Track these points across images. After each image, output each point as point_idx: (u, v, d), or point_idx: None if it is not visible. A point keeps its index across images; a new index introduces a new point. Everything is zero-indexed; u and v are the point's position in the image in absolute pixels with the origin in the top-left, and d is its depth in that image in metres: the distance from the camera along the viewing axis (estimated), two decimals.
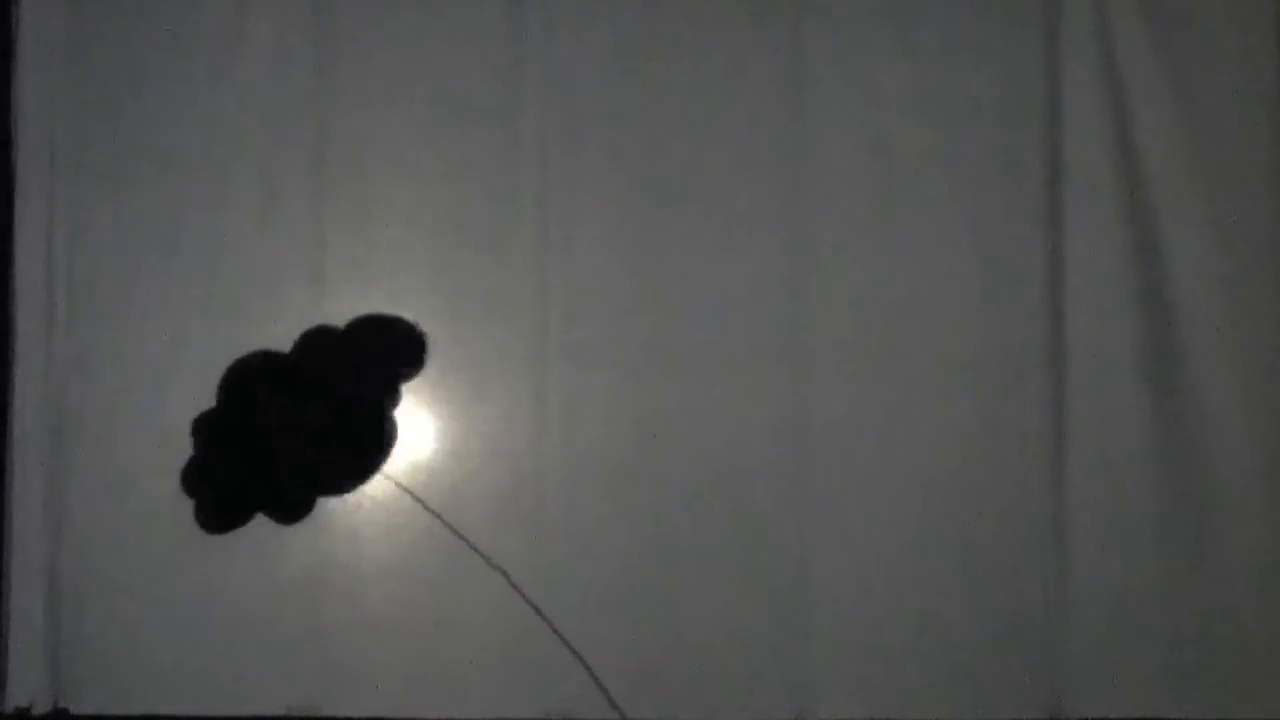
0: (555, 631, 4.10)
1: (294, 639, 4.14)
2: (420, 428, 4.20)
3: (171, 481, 4.13)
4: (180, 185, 4.21)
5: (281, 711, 4.13)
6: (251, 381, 4.10)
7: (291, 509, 4.11)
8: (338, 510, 4.17)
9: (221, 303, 4.19)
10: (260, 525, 4.11)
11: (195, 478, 4.09)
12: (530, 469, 4.18)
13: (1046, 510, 4.20)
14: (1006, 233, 4.25)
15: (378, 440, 4.12)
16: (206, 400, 4.14)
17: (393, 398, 4.14)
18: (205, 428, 4.09)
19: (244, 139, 4.21)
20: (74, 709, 4.15)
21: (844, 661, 4.17)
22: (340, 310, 4.18)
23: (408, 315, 4.18)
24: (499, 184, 4.21)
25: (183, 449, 4.12)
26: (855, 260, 4.22)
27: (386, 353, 4.17)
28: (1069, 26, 4.26)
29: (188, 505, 4.11)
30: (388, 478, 4.11)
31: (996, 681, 4.17)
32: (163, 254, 4.20)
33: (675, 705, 4.15)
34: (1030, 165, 4.26)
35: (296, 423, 4.06)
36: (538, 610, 4.10)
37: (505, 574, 4.09)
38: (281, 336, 4.16)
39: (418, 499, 4.05)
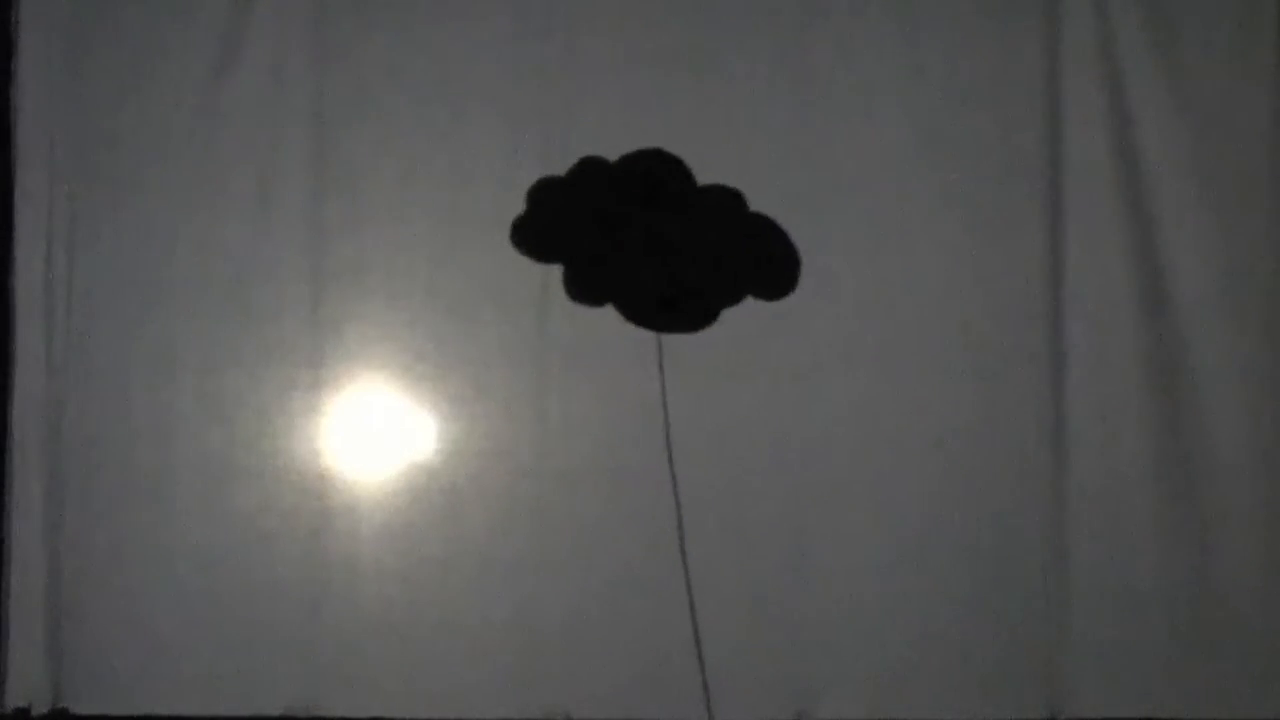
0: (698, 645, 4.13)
1: (294, 639, 4.14)
2: (421, 427, 4.20)
3: (171, 481, 4.14)
4: (180, 185, 4.21)
5: (281, 711, 4.13)
6: (653, 176, 4.14)
7: (584, 289, 4.13)
8: (338, 510, 4.17)
9: (221, 303, 4.19)
10: (261, 522, 4.14)
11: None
12: (530, 469, 4.18)
13: (1046, 510, 4.20)
14: (1006, 233, 4.25)
15: (691, 315, 4.13)
16: (206, 401, 4.15)
17: (731, 297, 4.13)
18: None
19: (243, 139, 4.21)
20: (74, 709, 4.15)
21: (844, 661, 4.17)
22: (339, 310, 4.19)
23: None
24: (499, 183, 4.21)
25: (181, 449, 4.13)
26: (855, 260, 4.22)
27: (759, 259, 4.17)
28: (1069, 27, 4.26)
29: (187, 504, 4.13)
30: (658, 342, 4.09)
31: (996, 681, 4.17)
32: (162, 254, 4.20)
33: (675, 705, 4.15)
34: (1030, 165, 4.26)
35: (660, 236, 4.10)
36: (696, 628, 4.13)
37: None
38: (281, 336, 4.17)
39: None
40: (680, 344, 4.18)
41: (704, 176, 4.22)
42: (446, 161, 4.23)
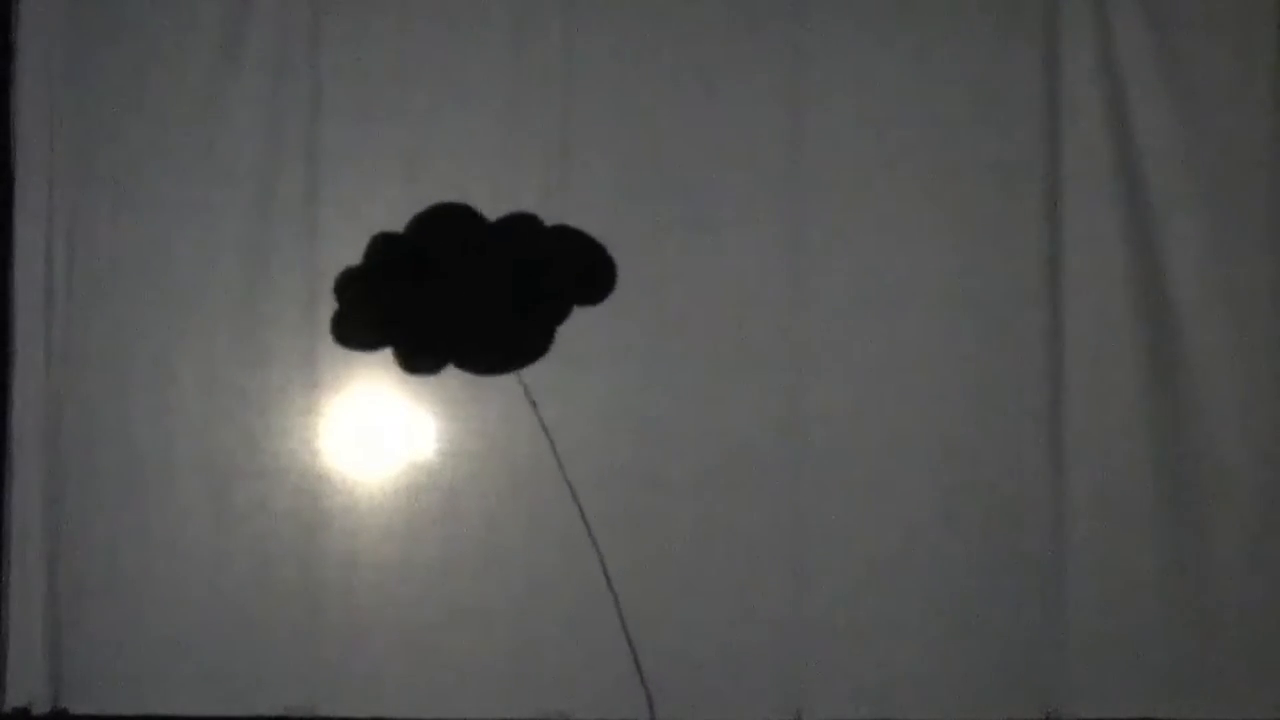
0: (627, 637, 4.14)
1: (294, 639, 4.14)
2: (420, 428, 4.20)
3: (171, 481, 4.14)
4: (180, 185, 4.21)
5: (280, 712, 4.13)
6: (446, 231, 4.14)
7: (420, 362, 4.14)
8: (337, 510, 4.17)
9: (220, 303, 4.19)
10: (260, 521, 4.15)
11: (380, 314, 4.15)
12: (528, 469, 4.18)
13: (1046, 510, 4.19)
14: (1007, 233, 4.25)
15: (529, 346, 4.13)
16: (205, 401, 4.16)
17: (558, 314, 4.14)
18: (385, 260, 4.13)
19: (243, 138, 4.22)
20: (74, 709, 4.15)
21: (844, 661, 4.17)
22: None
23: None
24: (498, 183, 4.21)
25: (180, 449, 4.14)
26: (854, 261, 4.22)
27: (576, 270, 4.17)
28: (1069, 27, 4.26)
29: (187, 504, 4.13)
30: (520, 383, 4.10)
31: (996, 681, 4.17)
32: (162, 254, 4.20)
33: (675, 705, 4.14)
34: (1030, 165, 4.26)
35: (472, 285, 4.11)
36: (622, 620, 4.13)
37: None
38: (280, 336, 4.18)
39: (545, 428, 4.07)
40: (677, 345, 4.18)
41: (702, 175, 4.22)
42: (446, 161, 4.23)
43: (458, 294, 4.15)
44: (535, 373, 4.18)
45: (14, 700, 4.15)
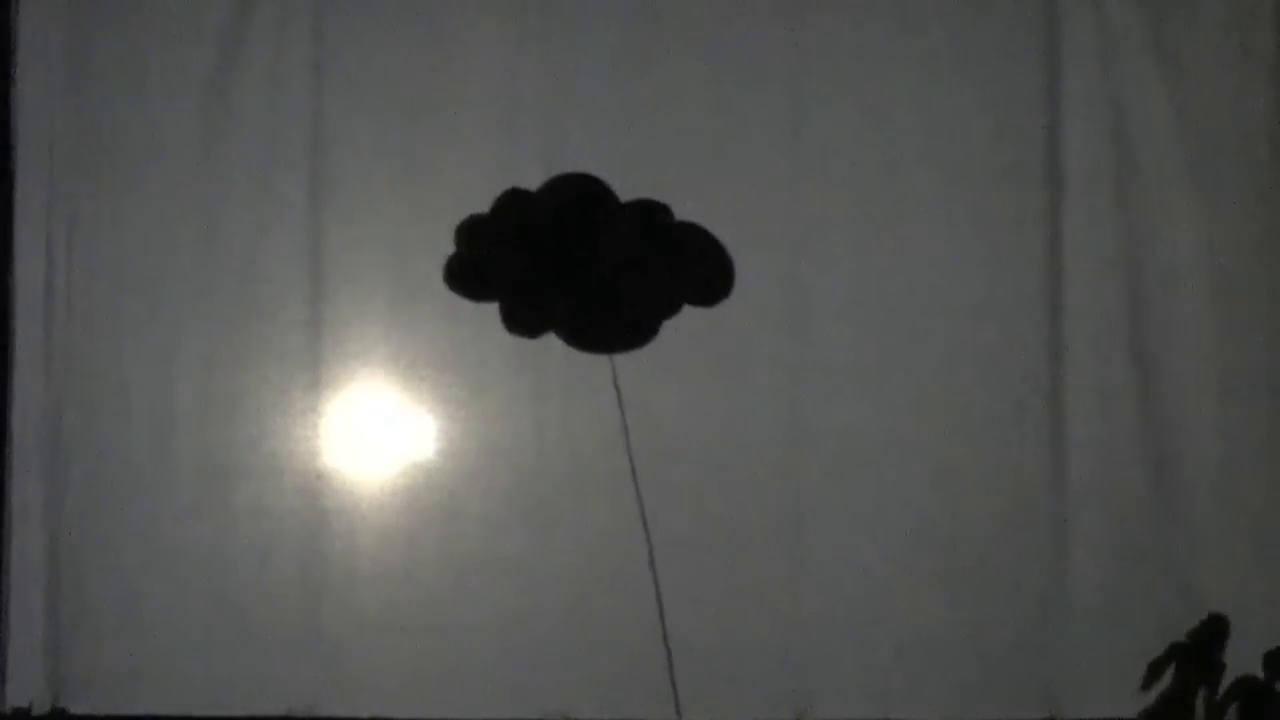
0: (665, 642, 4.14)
1: (294, 639, 4.14)
2: (420, 428, 4.21)
3: (170, 481, 4.14)
4: (180, 186, 4.21)
5: (282, 712, 4.13)
6: (577, 200, 4.13)
7: (523, 322, 4.12)
8: (337, 510, 4.17)
9: (221, 303, 4.19)
10: (260, 522, 4.15)
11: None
12: (528, 470, 4.18)
13: (1046, 510, 4.20)
14: (1006, 233, 4.25)
15: (634, 334, 4.13)
16: (205, 401, 4.16)
17: (669, 308, 4.13)
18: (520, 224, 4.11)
19: (243, 139, 4.22)
20: (74, 709, 4.15)
21: (844, 662, 4.17)
22: (339, 310, 4.19)
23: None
24: (498, 184, 4.21)
25: (181, 449, 4.14)
26: (855, 261, 4.23)
27: (690, 268, 4.17)
28: (1069, 27, 4.26)
29: (187, 504, 4.13)
30: (612, 369, 4.09)
31: (996, 681, 4.17)
32: (162, 254, 4.20)
33: (675, 705, 4.14)
34: (1030, 165, 4.26)
35: (592, 260, 4.10)
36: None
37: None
38: (281, 337, 4.18)
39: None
40: (681, 345, 4.18)
41: (704, 175, 4.22)
42: (446, 161, 4.23)
43: (576, 265, 4.14)
44: (534, 373, 4.18)
45: (14, 700, 4.16)
